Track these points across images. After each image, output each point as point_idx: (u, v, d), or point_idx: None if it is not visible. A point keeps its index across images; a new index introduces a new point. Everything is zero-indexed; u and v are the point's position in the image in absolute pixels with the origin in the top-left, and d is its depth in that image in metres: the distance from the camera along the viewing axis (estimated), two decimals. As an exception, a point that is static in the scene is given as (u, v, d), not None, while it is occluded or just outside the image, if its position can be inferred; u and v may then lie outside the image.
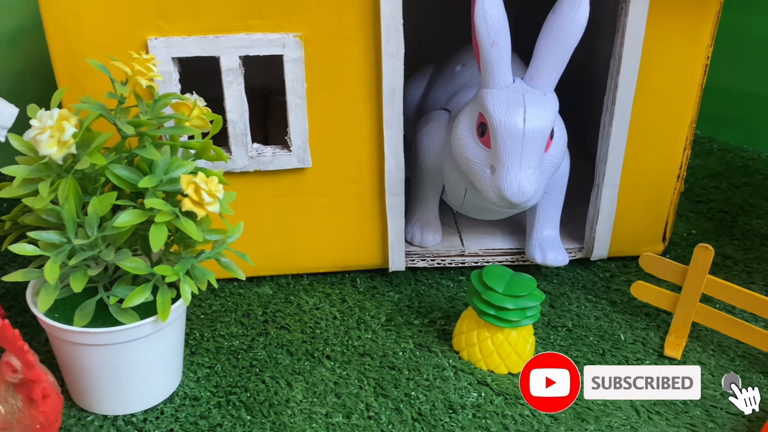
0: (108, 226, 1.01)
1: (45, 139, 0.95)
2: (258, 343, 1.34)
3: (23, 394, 0.90)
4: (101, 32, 1.18)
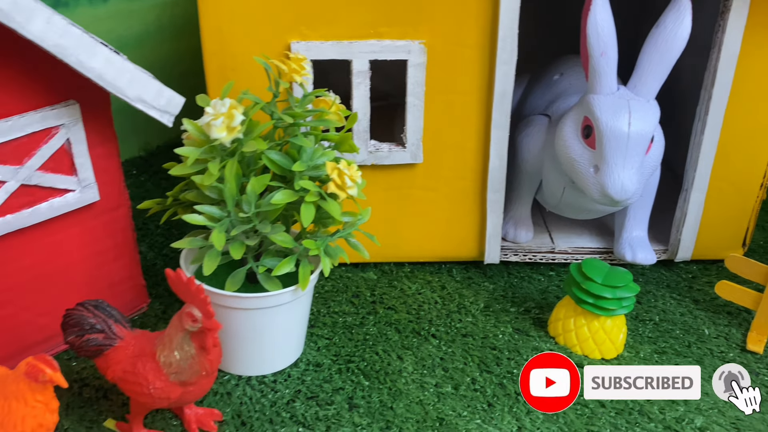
0: (262, 203, 1.15)
1: (218, 125, 1.09)
2: (368, 320, 1.47)
3: (197, 343, 1.04)
4: (250, 35, 1.33)
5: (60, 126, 1.17)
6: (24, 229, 1.20)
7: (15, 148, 1.14)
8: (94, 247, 1.33)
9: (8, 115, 1.12)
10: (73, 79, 1.16)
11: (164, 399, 1.08)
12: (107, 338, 1.10)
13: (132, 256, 1.40)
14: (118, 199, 1.32)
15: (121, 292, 1.38)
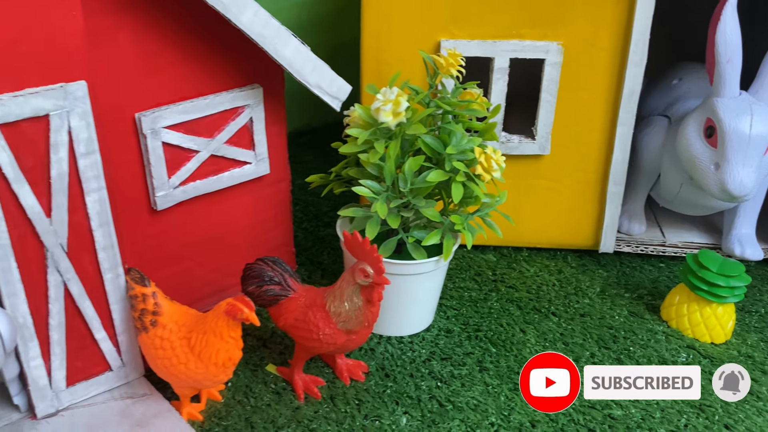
0: (417, 181, 1.31)
1: (386, 110, 1.25)
2: (491, 296, 1.62)
3: (365, 296, 1.21)
4: (404, 33, 1.49)
5: (246, 106, 1.35)
6: (207, 194, 1.39)
7: (209, 123, 1.33)
8: (259, 215, 1.51)
9: (207, 93, 1.31)
10: (260, 65, 1.34)
11: (330, 344, 1.24)
12: (283, 290, 1.28)
13: (288, 225, 1.58)
14: (282, 173, 1.50)
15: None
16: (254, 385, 1.35)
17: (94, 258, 1.19)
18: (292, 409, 1.30)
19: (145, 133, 1.24)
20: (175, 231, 1.38)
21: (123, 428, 1.22)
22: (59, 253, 1.15)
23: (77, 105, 1.07)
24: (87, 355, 1.25)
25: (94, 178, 1.13)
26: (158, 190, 1.30)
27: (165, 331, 1.20)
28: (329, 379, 1.37)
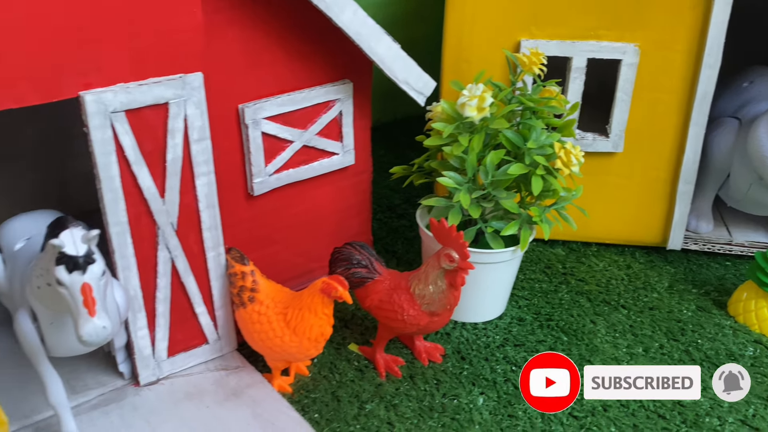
0: (497, 173, 1.38)
1: (472, 105, 1.32)
2: (561, 288, 1.67)
3: (449, 280, 1.28)
4: (485, 33, 1.56)
5: (337, 100, 1.44)
6: (297, 182, 1.48)
7: (303, 115, 1.41)
8: (342, 204, 1.59)
9: (302, 87, 1.39)
10: (350, 61, 1.42)
11: (414, 325, 1.32)
12: (369, 272, 1.36)
13: (367, 214, 1.66)
14: (365, 165, 1.58)
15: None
16: (338, 362, 1.43)
17: (199, 237, 1.29)
18: (374, 385, 1.37)
19: (247, 123, 1.33)
20: (267, 216, 1.47)
21: (219, 397, 1.31)
22: (169, 232, 1.24)
23: (193, 94, 1.17)
24: (187, 328, 1.35)
25: (204, 163, 1.23)
26: (256, 177, 1.39)
27: (262, 307, 1.28)
28: (408, 359, 1.44)
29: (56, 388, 1.15)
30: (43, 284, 1.04)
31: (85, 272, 0.96)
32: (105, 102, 1.08)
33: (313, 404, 1.33)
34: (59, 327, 1.09)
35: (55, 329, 1.09)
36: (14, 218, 1.28)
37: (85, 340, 0.95)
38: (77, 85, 1.07)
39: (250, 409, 1.28)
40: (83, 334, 0.95)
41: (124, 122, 1.11)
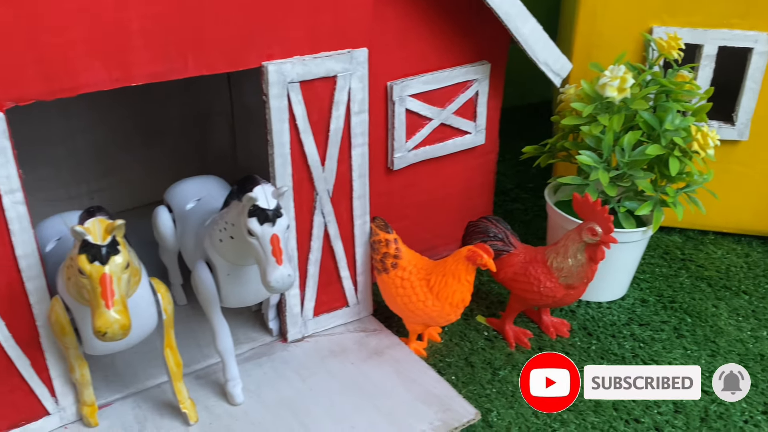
0: (633, 154, 1.42)
1: (613, 86, 1.37)
2: (681, 273, 1.70)
3: (588, 254, 1.33)
4: (618, 19, 1.60)
5: (474, 80, 1.50)
6: (431, 159, 1.55)
7: (443, 93, 1.48)
8: (468, 183, 1.66)
9: (445, 67, 1.46)
10: (489, 43, 1.49)
11: (549, 297, 1.37)
12: (505, 245, 1.42)
13: (490, 194, 1.72)
14: (493, 145, 1.64)
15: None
16: (468, 331, 1.49)
17: (349, 205, 1.37)
18: (505, 354, 1.43)
19: (394, 100, 1.40)
20: (402, 191, 1.54)
21: (362, 355, 1.39)
22: (325, 198, 1.33)
23: (358, 69, 1.25)
24: (331, 290, 1.43)
25: (360, 134, 1.31)
26: (396, 152, 1.46)
27: (405, 273, 1.36)
28: (535, 333, 1.50)
29: (225, 336, 1.24)
30: (225, 237, 1.13)
31: (274, 225, 1.04)
32: (284, 72, 1.17)
33: (448, 368, 1.39)
34: (235, 278, 1.18)
35: (231, 280, 1.18)
36: (182, 182, 1.39)
37: (273, 286, 1.04)
38: (261, 56, 1.16)
39: (392, 367, 1.36)
40: (271, 280, 1.03)
41: (298, 92, 1.20)
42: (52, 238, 1.22)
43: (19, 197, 1.03)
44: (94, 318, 0.92)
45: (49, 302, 1.11)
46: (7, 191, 1.02)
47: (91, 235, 0.92)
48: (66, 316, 1.07)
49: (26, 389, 1.16)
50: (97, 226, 0.94)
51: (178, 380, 1.20)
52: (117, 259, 0.94)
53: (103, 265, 0.92)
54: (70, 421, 1.22)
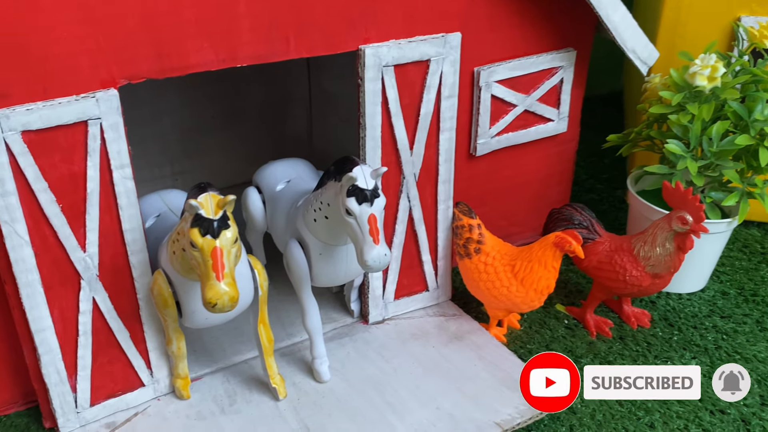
0: (722, 144, 1.40)
1: (705, 74, 1.35)
2: (762, 267, 1.67)
3: (677, 243, 1.32)
4: (705, 8, 1.58)
5: (560, 67, 1.50)
6: (513, 146, 1.54)
7: (528, 80, 1.48)
8: (546, 171, 1.65)
9: (531, 53, 1.46)
10: (576, 30, 1.48)
11: (635, 286, 1.36)
12: (589, 233, 1.41)
13: (568, 183, 1.71)
14: (573, 134, 1.63)
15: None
16: (547, 319, 1.49)
17: (434, 189, 1.38)
18: (586, 342, 1.43)
19: (480, 85, 1.41)
20: (482, 177, 1.55)
21: (443, 339, 1.40)
22: (411, 182, 1.34)
23: (451, 53, 1.26)
24: (412, 274, 1.44)
25: (449, 119, 1.32)
26: (480, 138, 1.47)
27: (489, 258, 1.36)
28: (615, 323, 1.49)
29: (314, 314, 1.26)
30: (320, 217, 1.16)
31: (372, 204, 1.06)
32: (380, 56, 1.19)
33: (529, 354, 1.39)
34: (327, 258, 1.21)
35: (323, 260, 1.21)
36: (271, 164, 1.41)
37: (370, 265, 1.05)
38: (359, 39, 1.17)
39: (474, 352, 1.36)
40: (368, 259, 1.05)
41: (392, 76, 1.21)
42: (151, 215, 1.26)
43: (128, 172, 1.07)
44: (205, 290, 0.94)
45: (151, 276, 1.14)
46: (118, 166, 1.05)
47: (204, 209, 0.95)
48: (168, 289, 1.10)
49: (124, 361, 1.20)
50: (210, 200, 0.96)
51: (269, 355, 1.23)
52: (227, 233, 0.96)
53: (215, 238, 0.95)
54: (162, 393, 1.26)
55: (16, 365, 1.20)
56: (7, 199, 0.99)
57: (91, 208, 1.05)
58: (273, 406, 1.25)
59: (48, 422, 1.21)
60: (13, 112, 0.95)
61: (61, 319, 1.11)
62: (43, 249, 1.05)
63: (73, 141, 1.00)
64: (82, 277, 1.09)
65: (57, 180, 1.02)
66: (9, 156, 0.97)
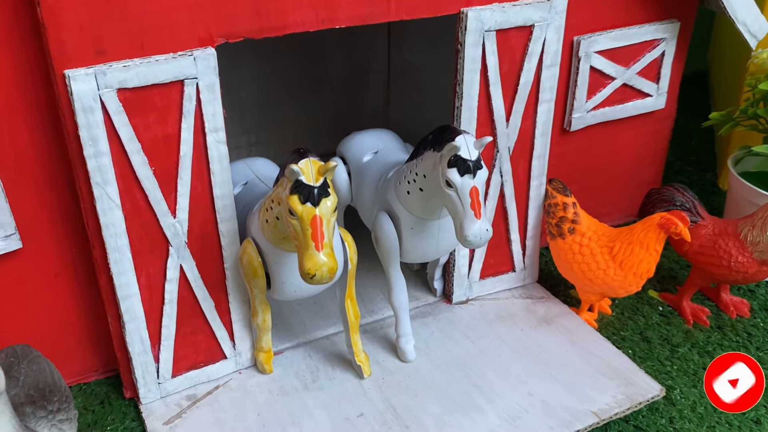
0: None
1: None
2: None
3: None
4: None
5: (662, 39, 1.41)
6: (607, 122, 1.46)
7: (628, 52, 1.39)
8: (639, 150, 1.57)
9: (633, 23, 1.37)
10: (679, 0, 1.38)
11: (739, 273, 1.27)
12: (692, 215, 1.33)
13: (661, 164, 1.62)
14: (671, 110, 1.54)
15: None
16: (640, 306, 1.42)
17: (528, 164, 1.31)
18: (683, 331, 1.35)
19: (580, 56, 1.33)
20: (574, 154, 1.47)
21: (530, 322, 1.34)
22: (505, 156, 1.28)
23: (556, 18, 1.18)
24: (499, 253, 1.38)
25: (549, 90, 1.24)
26: (575, 111, 1.39)
27: (584, 239, 1.29)
28: (713, 311, 1.40)
29: (401, 291, 1.21)
30: (414, 189, 1.10)
31: (475, 176, 1.00)
32: (482, 19, 1.12)
33: (623, 342, 1.32)
34: (418, 232, 1.15)
35: (414, 234, 1.15)
36: (356, 134, 1.36)
37: (470, 240, 0.99)
38: (460, 1, 1.11)
39: (565, 336, 1.30)
40: (468, 234, 0.99)
41: (493, 42, 1.15)
42: (238, 183, 1.22)
43: (221, 136, 1.02)
44: (303, 260, 0.89)
45: (239, 245, 1.10)
46: (212, 129, 1.01)
47: (304, 175, 0.90)
48: (258, 259, 1.06)
49: (208, 331, 1.17)
50: (310, 166, 0.91)
51: (355, 332, 1.18)
52: (328, 201, 0.91)
53: (315, 206, 0.90)
54: (244, 366, 1.23)
55: (99, 332, 1.18)
56: (100, 160, 0.95)
57: (183, 173, 1.01)
58: (357, 384, 1.20)
59: (129, 392, 1.18)
60: (110, 68, 0.92)
61: (147, 286, 1.08)
62: (133, 213, 1.01)
63: (168, 101, 0.96)
64: (171, 244, 1.06)
65: (150, 142, 0.98)
66: (104, 114, 0.93)
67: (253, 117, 1.69)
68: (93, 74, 0.90)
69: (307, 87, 1.74)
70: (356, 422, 1.12)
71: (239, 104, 1.66)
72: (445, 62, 1.25)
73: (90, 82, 0.90)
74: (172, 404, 1.16)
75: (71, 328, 1.16)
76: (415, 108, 1.75)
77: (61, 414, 0.95)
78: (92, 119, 0.92)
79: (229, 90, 1.62)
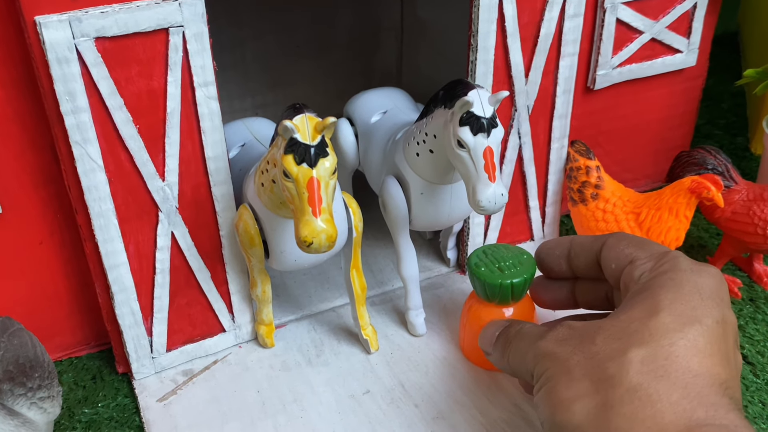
0: None
1: None
2: None
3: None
4: None
5: (704, -12, 1.29)
6: (634, 80, 1.36)
7: (657, 4, 1.29)
8: (667, 111, 1.46)
9: (665, -28, 1.26)
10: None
11: (776, 242, 1.18)
12: (725, 180, 1.23)
13: (691, 126, 1.52)
14: (702, 69, 1.44)
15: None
16: (667, 276, 1.32)
17: (548, 125, 1.22)
18: (713, 304, 1.25)
19: (605, 7, 1.23)
20: (598, 115, 1.37)
21: (550, 295, 1.25)
22: (523, 116, 1.19)
23: (580, -37, 1.08)
24: (516, 221, 1.29)
25: (572, 42, 1.15)
26: (600, 68, 1.29)
27: (608, 205, 1.20)
28: (745, 282, 1.31)
29: (411, 261, 1.13)
30: (423, 151, 1.01)
31: (489, 136, 0.91)
32: (499, -37, 1.02)
33: (648, 315, 1.23)
34: (428, 198, 1.06)
35: (424, 200, 1.07)
36: (364, 93, 1.27)
37: (483, 206, 0.91)
38: (476, -58, 1.01)
39: (587, 310, 1.21)
40: (482, 199, 0.90)
41: (511, -12, 1.05)
42: (235, 144, 1.14)
43: (212, 91, 0.94)
44: (299, 226, 0.81)
45: (235, 211, 1.02)
46: (201, 84, 0.93)
47: (299, 133, 0.81)
48: (255, 226, 0.98)
49: (204, 303, 1.10)
50: (306, 123, 0.82)
51: (361, 304, 1.11)
52: (326, 162, 0.82)
53: (312, 167, 0.81)
54: (244, 340, 1.16)
55: (88, 303, 1.11)
56: (78, 117, 0.87)
57: (171, 131, 0.93)
58: (364, 359, 1.13)
59: (121, 367, 1.12)
60: (85, 14, 0.83)
61: (136, 255, 1.00)
62: (117, 176, 0.93)
63: (152, 52, 0.88)
64: (161, 209, 0.98)
65: (134, 96, 0.90)
66: (81, 66, 0.85)
67: (258, 78, 1.60)
68: (67, 21, 0.82)
69: (317, 45, 1.65)
70: (362, 400, 1.05)
71: (244, 63, 1.57)
72: (461, 18, 1.16)
73: (64, 30, 0.82)
74: (167, 380, 1.10)
75: (60, 299, 1.09)
76: (430, 68, 1.65)
77: (42, 391, 0.89)
78: (68, 71, 0.84)
79: (233, 47, 1.54)
